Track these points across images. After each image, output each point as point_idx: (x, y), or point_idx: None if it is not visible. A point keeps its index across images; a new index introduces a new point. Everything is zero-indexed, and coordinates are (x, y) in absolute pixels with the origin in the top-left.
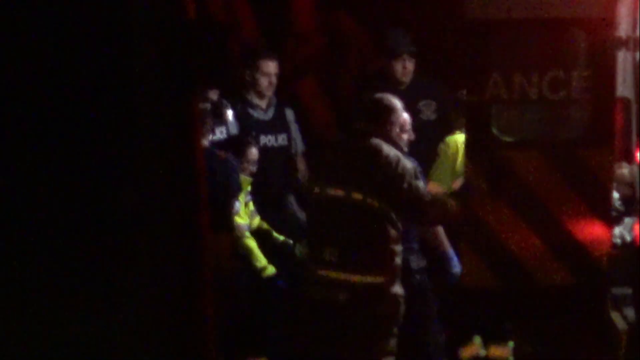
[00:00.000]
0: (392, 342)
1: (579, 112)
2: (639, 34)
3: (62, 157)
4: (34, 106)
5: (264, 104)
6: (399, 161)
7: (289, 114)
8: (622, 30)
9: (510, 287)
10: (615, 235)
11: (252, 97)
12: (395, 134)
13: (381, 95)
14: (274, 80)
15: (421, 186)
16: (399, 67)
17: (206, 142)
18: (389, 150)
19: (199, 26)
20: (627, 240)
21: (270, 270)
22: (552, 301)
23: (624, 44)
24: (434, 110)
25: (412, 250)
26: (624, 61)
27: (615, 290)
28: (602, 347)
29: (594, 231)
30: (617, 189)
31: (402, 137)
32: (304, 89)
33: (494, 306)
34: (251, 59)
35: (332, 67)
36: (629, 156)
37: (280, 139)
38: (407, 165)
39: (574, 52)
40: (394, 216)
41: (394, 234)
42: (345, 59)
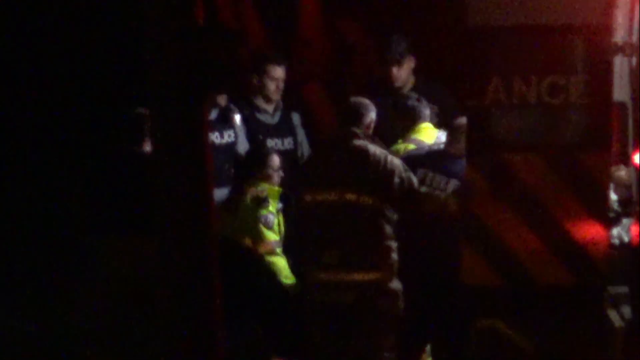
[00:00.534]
0: (394, 337)
1: (577, 116)
2: (635, 40)
3: (86, 159)
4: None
5: (271, 108)
6: (387, 157)
7: (296, 118)
8: (619, 36)
9: (510, 286)
10: (613, 235)
11: (260, 102)
12: (373, 132)
13: (355, 98)
14: (281, 85)
15: (413, 178)
16: (389, 73)
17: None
18: (375, 148)
19: (209, 33)
20: (624, 240)
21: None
22: (551, 299)
23: (620, 49)
24: (436, 113)
25: None
26: (621, 66)
27: (612, 288)
28: (600, 344)
29: (592, 232)
30: (615, 191)
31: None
32: (310, 94)
33: (493, 303)
34: (259, 64)
35: (338, 72)
36: (626, 159)
37: (286, 143)
38: (395, 160)
39: (572, 58)
40: (388, 213)
41: (389, 230)
42: (350, 64)
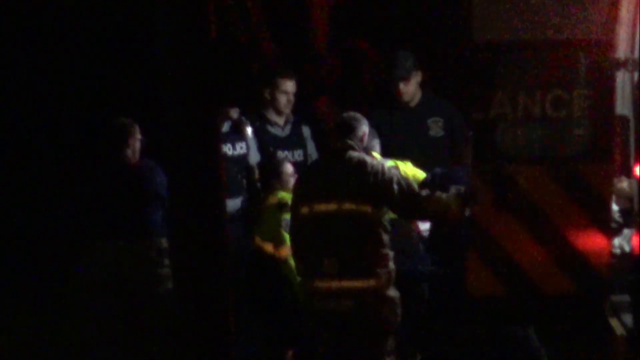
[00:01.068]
0: (392, 342)
1: (580, 129)
2: (637, 55)
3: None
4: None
5: (281, 121)
6: (383, 166)
7: (306, 130)
8: (621, 52)
9: (514, 295)
10: (614, 245)
11: (271, 115)
12: (366, 144)
13: (347, 113)
14: (291, 98)
15: (413, 184)
16: (397, 89)
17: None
18: (371, 159)
19: (221, 47)
20: (625, 250)
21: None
22: (554, 307)
23: (623, 65)
24: (442, 127)
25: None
26: (623, 81)
27: (614, 297)
28: (601, 352)
29: (595, 242)
30: (617, 202)
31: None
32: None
33: (498, 312)
34: (270, 78)
35: (347, 86)
36: (628, 171)
37: (296, 155)
38: (392, 169)
39: (575, 73)
40: (385, 222)
41: (386, 238)
42: (359, 79)
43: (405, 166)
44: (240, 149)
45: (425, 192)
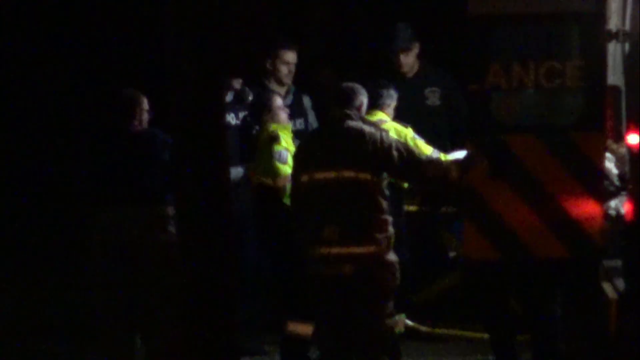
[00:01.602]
0: (391, 305)
1: (573, 99)
2: (628, 27)
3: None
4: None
5: (283, 91)
6: (381, 134)
7: (306, 100)
8: (613, 24)
9: (509, 260)
10: (610, 207)
11: (272, 85)
12: (364, 113)
13: (346, 83)
14: (292, 68)
15: (413, 148)
16: (397, 60)
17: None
18: (369, 127)
19: (224, 19)
20: (621, 212)
21: None
22: (548, 272)
23: (614, 36)
24: (439, 96)
25: None
26: (614, 52)
27: (607, 262)
28: (594, 314)
29: (587, 209)
30: (616, 167)
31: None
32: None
33: (494, 277)
34: (271, 49)
35: (346, 58)
36: (619, 139)
37: (298, 124)
38: (390, 136)
39: (568, 44)
40: (384, 188)
41: (385, 204)
42: (357, 51)
43: (407, 131)
44: (242, 118)
45: (425, 157)
